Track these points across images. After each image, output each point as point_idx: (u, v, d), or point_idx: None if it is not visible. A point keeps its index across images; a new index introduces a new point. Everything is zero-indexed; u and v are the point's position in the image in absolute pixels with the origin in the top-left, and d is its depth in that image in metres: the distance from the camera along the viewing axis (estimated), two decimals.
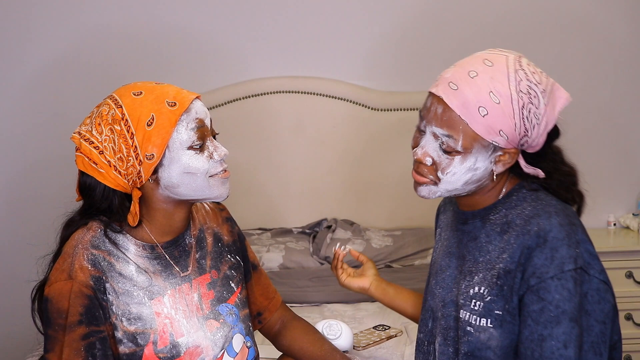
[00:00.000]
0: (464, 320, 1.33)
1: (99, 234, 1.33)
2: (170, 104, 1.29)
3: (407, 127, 3.18)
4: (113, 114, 1.29)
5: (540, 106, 1.25)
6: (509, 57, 1.27)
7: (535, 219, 1.27)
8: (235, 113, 3.14)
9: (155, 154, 1.29)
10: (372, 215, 3.17)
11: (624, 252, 2.95)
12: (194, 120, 1.31)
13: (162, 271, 1.36)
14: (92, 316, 1.27)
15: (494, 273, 1.30)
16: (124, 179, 1.30)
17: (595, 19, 3.17)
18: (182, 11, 3.12)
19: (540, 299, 1.23)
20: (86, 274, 1.27)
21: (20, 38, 3.07)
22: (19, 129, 3.11)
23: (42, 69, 3.09)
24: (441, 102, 1.27)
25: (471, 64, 1.27)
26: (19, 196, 3.13)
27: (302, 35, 3.18)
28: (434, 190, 1.33)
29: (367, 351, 2.18)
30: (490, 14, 3.17)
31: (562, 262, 1.22)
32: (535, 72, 1.26)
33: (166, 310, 1.34)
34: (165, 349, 1.32)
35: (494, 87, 1.23)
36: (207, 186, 1.34)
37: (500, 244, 1.31)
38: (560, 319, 1.21)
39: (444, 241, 1.46)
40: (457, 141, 1.25)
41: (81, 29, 3.08)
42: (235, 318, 1.45)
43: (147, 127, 1.28)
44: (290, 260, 2.85)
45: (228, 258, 1.51)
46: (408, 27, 3.18)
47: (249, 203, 3.19)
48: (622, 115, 3.21)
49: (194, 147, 1.31)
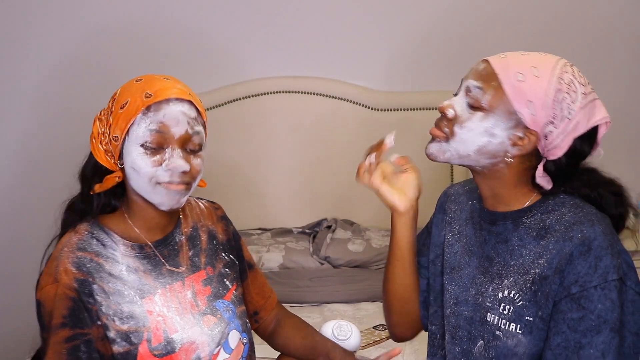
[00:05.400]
0: (492, 324, 1.31)
1: (86, 236, 1.33)
2: (146, 95, 1.29)
3: (407, 127, 3.20)
4: (115, 92, 1.35)
5: (575, 102, 1.24)
6: (561, 59, 1.29)
7: (578, 225, 1.25)
8: (235, 113, 3.14)
9: (118, 136, 1.31)
10: (372, 215, 3.17)
11: None
12: (157, 123, 1.28)
13: (152, 270, 1.36)
14: (76, 319, 1.26)
15: (528, 278, 1.28)
16: (106, 155, 1.33)
17: (590, 17, 3.18)
18: (182, 11, 3.12)
19: (581, 307, 1.21)
20: (70, 276, 1.27)
21: (23, 38, 3.07)
22: (22, 128, 3.11)
23: (44, 69, 3.09)
24: (485, 62, 1.29)
25: (534, 53, 1.30)
26: (21, 195, 3.13)
27: (301, 35, 3.18)
28: (445, 148, 1.32)
29: (367, 351, 2.18)
30: (490, 14, 3.18)
31: (607, 272, 1.21)
32: (583, 77, 1.28)
33: (158, 309, 1.33)
34: (160, 345, 1.31)
35: (538, 65, 1.25)
36: (151, 191, 1.31)
37: (536, 249, 1.28)
38: (602, 328, 1.20)
39: (463, 238, 1.43)
40: (484, 94, 1.26)
41: (81, 29, 3.08)
42: (232, 314, 1.44)
43: (119, 110, 1.30)
44: (290, 260, 2.86)
45: (223, 256, 1.50)
46: (408, 28, 3.19)
47: (249, 203, 3.19)
48: (622, 115, 3.21)
49: (145, 146, 1.29)
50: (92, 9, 3.09)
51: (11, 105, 3.10)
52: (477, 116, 1.27)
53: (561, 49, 1.33)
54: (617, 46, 3.22)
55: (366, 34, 3.19)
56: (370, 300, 2.64)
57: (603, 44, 3.21)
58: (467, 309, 1.36)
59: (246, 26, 3.16)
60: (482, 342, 1.32)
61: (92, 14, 3.09)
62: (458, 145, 1.30)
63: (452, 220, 1.47)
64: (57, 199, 1.40)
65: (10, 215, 3.13)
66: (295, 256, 2.88)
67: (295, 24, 3.18)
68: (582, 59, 3.19)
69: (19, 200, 3.12)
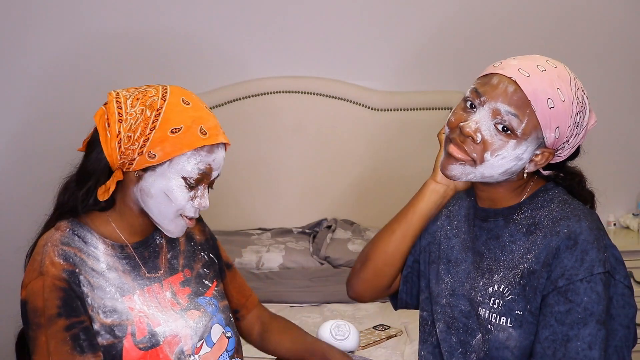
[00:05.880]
0: (483, 318, 1.33)
1: (67, 232, 1.34)
2: (202, 131, 1.32)
3: (407, 127, 3.20)
4: (153, 101, 1.32)
5: (585, 118, 1.29)
6: (565, 68, 1.29)
7: (564, 221, 1.27)
8: (235, 113, 3.14)
9: (157, 156, 1.30)
10: (372, 215, 3.17)
11: (624, 252, 2.86)
12: (206, 164, 1.33)
13: (130, 271, 1.37)
14: (70, 308, 1.27)
15: (517, 272, 1.30)
16: (118, 155, 1.32)
17: (597, 18, 3.18)
18: (184, 12, 3.12)
19: (567, 300, 1.23)
20: (58, 268, 1.28)
21: (19, 39, 3.07)
22: (19, 129, 3.11)
23: (44, 72, 3.09)
24: (512, 82, 1.25)
25: (535, 60, 1.28)
26: (17, 194, 3.13)
27: (303, 36, 3.18)
28: (469, 171, 1.29)
29: (367, 351, 2.18)
30: (492, 15, 3.17)
31: (592, 265, 1.23)
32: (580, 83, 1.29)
33: (138, 307, 1.35)
34: (145, 339, 1.33)
35: (560, 85, 1.25)
36: (171, 219, 1.35)
37: (525, 245, 1.30)
38: (588, 320, 1.22)
39: (461, 234, 1.44)
40: (521, 123, 1.24)
41: (82, 31, 3.08)
42: (215, 308, 1.45)
43: (170, 133, 1.30)
44: (290, 260, 2.86)
45: (202, 256, 1.51)
46: (410, 28, 3.19)
47: (250, 203, 3.19)
48: (622, 116, 3.21)
49: (187, 181, 1.33)
50: (93, 10, 3.09)
51: (9, 105, 3.11)
52: (510, 144, 1.25)
53: (567, 51, 1.33)
54: (622, 48, 3.21)
55: (368, 34, 3.19)
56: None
57: (607, 41, 3.20)
58: (463, 302, 1.38)
59: (248, 26, 3.16)
60: (480, 335, 1.34)
61: (94, 15, 3.09)
62: (485, 170, 1.28)
63: (451, 214, 1.48)
64: (48, 198, 1.40)
65: (8, 213, 3.12)
66: (295, 256, 2.88)
67: (297, 24, 3.18)
68: (589, 60, 3.18)
69: (16, 200, 3.12)
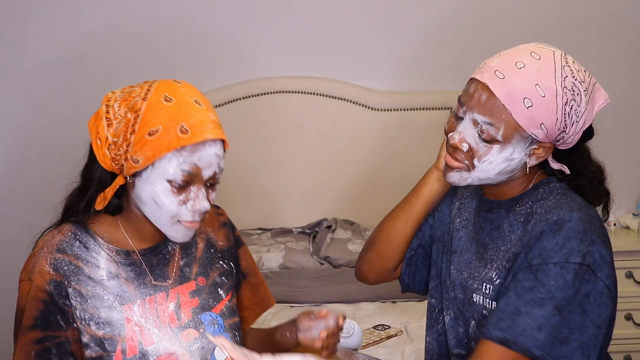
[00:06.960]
0: (478, 304, 1.34)
1: (68, 237, 1.29)
2: (182, 130, 1.21)
3: (407, 127, 3.20)
4: (135, 102, 1.24)
5: (581, 104, 1.25)
6: (555, 52, 1.27)
7: (557, 209, 1.28)
8: (236, 112, 3.13)
9: (140, 161, 1.23)
10: (372, 215, 3.15)
11: (624, 252, 2.94)
12: (190, 164, 1.23)
13: (134, 279, 1.31)
14: (47, 321, 1.23)
15: (507, 257, 1.31)
16: (111, 161, 1.26)
17: (593, 15, 3.18)
18: (185, 11, 3.12)
19: (535, 279, 1.23)
20: (45, 278, 1.24)
21: (23, 36, 3.07)
22: (20, 127, 3.11)
23: (47, 66, 3.09)
24: (486, 89, 1.25)
25: (518, 55, 1.26)
26: (17, 193, 3.13)
27: (303, 36, 3.18)
28: (466, 176, 1.32)
29: (367, 351, 2.18)
30: (492, 14, 3.18)
31: (570, 253, 1.22)
32: (580, 70, 1.27)
33: (136, 318, 1.29)
34: (135, 357, 1.27)
35: (540, 80, 1.23)
36: (168, 225, 1.27)
37: (521, 234, 1.31)
38: (546, 303, 1.21)
39: (469, 225, 1.45)
40: (498, 130, 1.25)
41: (87, 25, 3.09)
42: (219, 328, 1.38)
43: (147, 136, 1.21)
44: (290, 260, 2.85)
45: (220, 264, 1.44)
46: (410, 28, 3.19)
47: (249, 203, 3.19)
48: (622, 115, 3.21)
49: (172, 184, 1.23)
50: (98, 5, 3.09)
51: (9, 104, 3.11)
52: (494, 149, 1.27)
53: (564, 47, 1.31)
54: (619, 43, 3.22)
55: (368, 34, 3.19)
56: (370, 300, 2.63)
57: (606, 41, 3.21)
58: (461, 292, 1.39)
59: (248, 26, 3.16)
60: (474, 322, 1.35)
61: (99, 10, 3.10)
62: (479, 174, 1.31)
63: (462, 206, 1.49)
64: (56, 196, 1.39)
65: (8, 212, 3.12)
66: (295, 256, 2.87)
67: (297, 24, 3.18)
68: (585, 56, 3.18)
69: (16, 198, 3.12)
